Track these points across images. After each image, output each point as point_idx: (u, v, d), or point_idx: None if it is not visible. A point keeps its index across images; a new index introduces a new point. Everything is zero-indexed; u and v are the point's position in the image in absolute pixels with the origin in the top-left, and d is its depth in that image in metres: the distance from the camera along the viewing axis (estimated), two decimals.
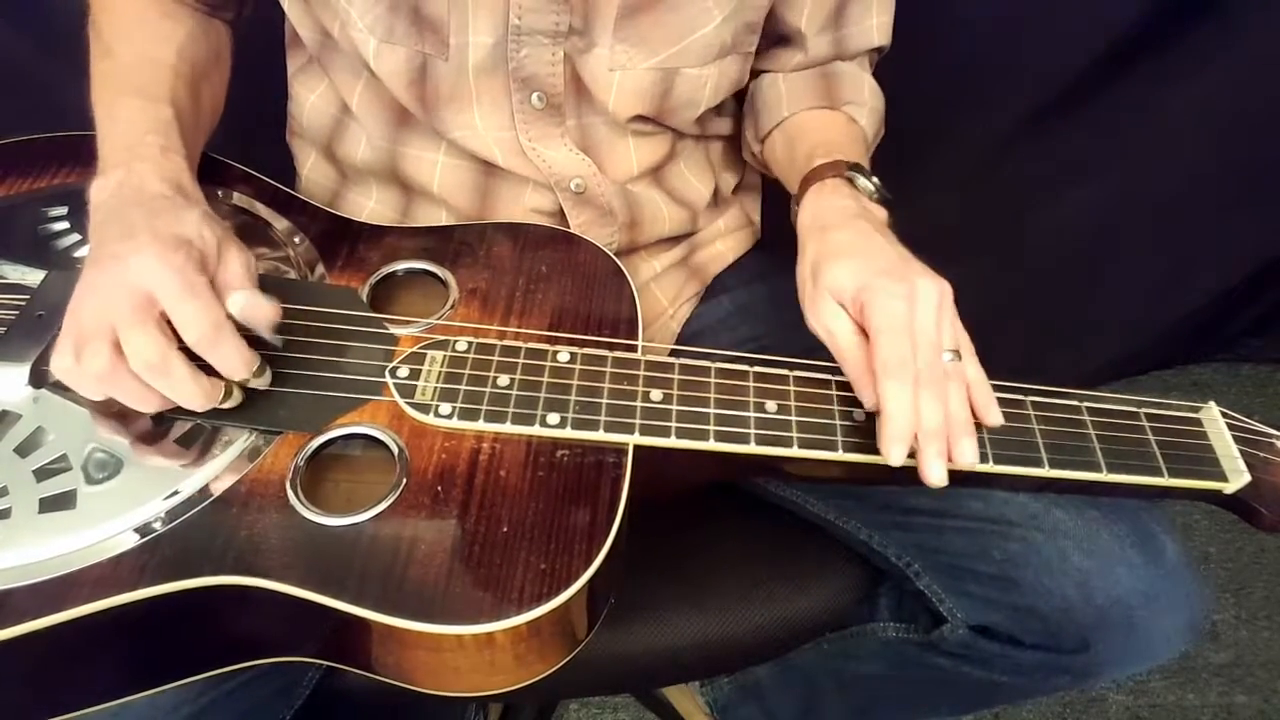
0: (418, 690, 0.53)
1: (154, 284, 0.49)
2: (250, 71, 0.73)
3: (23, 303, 0.58)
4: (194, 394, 0.50)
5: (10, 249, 0.62)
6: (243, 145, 0.72)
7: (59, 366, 0.50)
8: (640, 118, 0.68)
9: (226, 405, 0.53)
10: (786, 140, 0.72)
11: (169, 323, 0.49)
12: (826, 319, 0.56)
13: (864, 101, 0.73)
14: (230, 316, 0.51)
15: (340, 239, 0.66)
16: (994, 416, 0.54)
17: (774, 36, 0.71)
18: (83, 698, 0.52)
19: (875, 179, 0.65)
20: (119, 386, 0.50)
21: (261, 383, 0.54)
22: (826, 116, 0.72)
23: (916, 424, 0.51)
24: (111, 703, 0.53)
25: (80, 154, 0.58)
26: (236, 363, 0.51)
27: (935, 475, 0.52)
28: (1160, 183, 1.23)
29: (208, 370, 0.51)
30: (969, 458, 0.52)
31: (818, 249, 0.59)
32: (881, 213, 0.64)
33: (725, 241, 0.81)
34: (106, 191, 0.55)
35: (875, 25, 0.73)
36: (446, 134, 0.66)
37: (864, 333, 0.55)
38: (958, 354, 0.54)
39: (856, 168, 0.65)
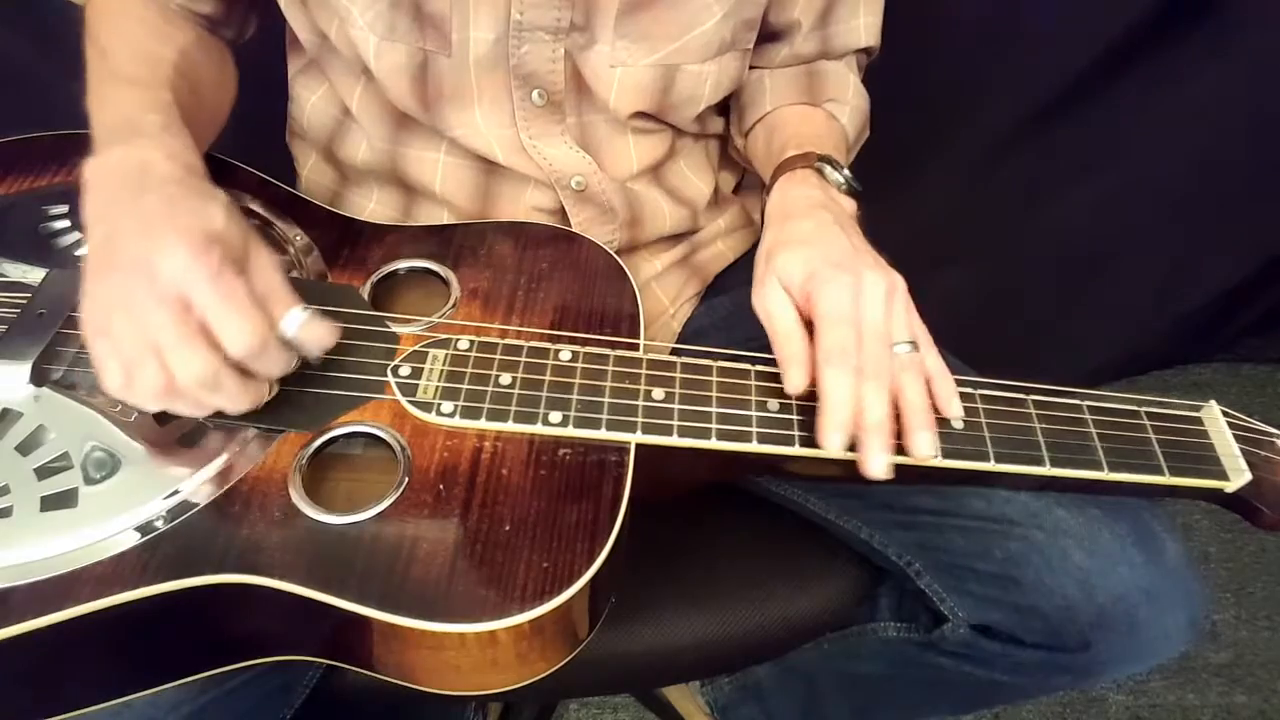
0: (419, 689, 0.53)
1: (190, 290, 0.46)
2: (251, 73, 0.73)
3: (24, 301, 0.58)
4: (244, 401, 0.50)
5: (11, 247, 0.62)
6: (242, 147, 0.72)
7: (111, 387, 0.48)
8: (641, 115, 0.68)
9: (269, 396, 0.53)
10: (766, 134, 0.73)
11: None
12: (769, 302, 0.57)
13: (846, 100, 0.74)
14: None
15: (341, 237, 0.66)
16: (954, 408, 0.55)
17: (763, 33, 0.72)
18: (84, 696, 0.52)
19: (847, 171, 0.66)
20: (175, 403, 0.49)
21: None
22: (806, 112, 0.73)
23: (858, 415, 0.52)
24: (112, 701, 0.53)
25: (81, 152, 0.57)
26: (277, 371, 0.51)
27: (876, 468, 0.52)
28: (1161, 182, 1.23)
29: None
30: (925, 450, 0.53)
31: (775, 235, 0.60)
32: (849, 204, 0.65)
33: (726, 241, 0.81)
34: (106, 169, 0.51)
35: (862, 25, 0.74)
36: (447, 132, 0.66)
37: (807, 323, 0.55)
38: (915, 345, 0.54)
39: (827, 159, 0.65)
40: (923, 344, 0.55)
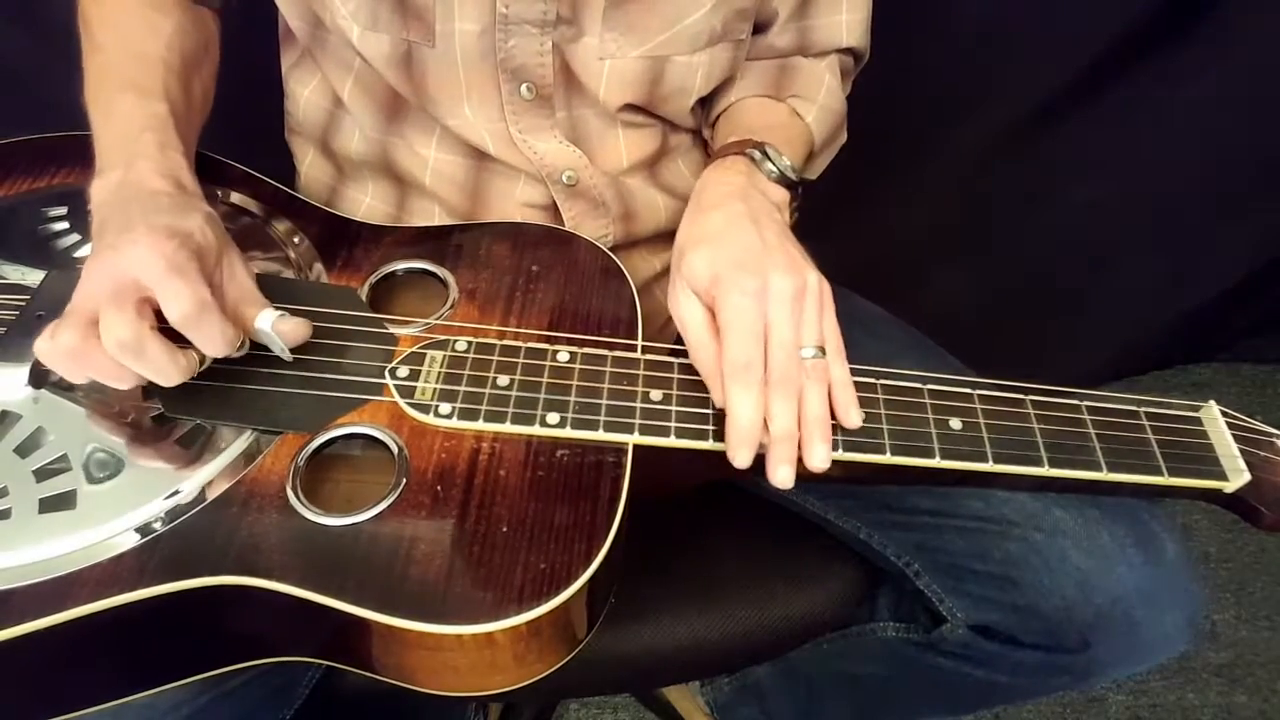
0: (417, 690, 0.53)
1: (140, 269, 0.49)
2: (250, 72, 0.73)
3: (23, 303, 0.58)
4: (168, 371, 0.50)
5: (10, 249, 0.62)
6: (243, 147, 0.72)
7: (38, 347, 0.50)
8: (631, 108, 0.67)
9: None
10: (725, 125, 0.72)
11: (156, 310, 0.49)
12: (681, 308, 0.56)
13: (815, 99, 0.72)
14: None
15: (339, 239, 0.66)
16: (852, 419, 0.53)
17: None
18: (82, 698, 0.52)
19: (786, 161, 0.64)
20: (90, 362, 0.49)
21: (238, 352, 0.54)
22: (767, 104, 0.72)
23: (765, 425, 0.51)
24: (111, 703, 0.53)
25: (80, 154, 0.58)
26: (219, 341, 0.51)
27: (780, 478, 0.51)
28: (1160, 183, 1.23)
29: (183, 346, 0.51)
30: (819, 463, 0.51)
31: (687, 231, 0.59)
32: (778, 194, 0.63)
33: None
34: (107, 191, 0.55)
35: (844, 22, 0.72)
36: (441, 121, 0.66)
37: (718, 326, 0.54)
38: (822, 350, 0.53)
39: (764, 147, 0.64)
40: (831, 350, 0.54)
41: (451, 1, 0.60)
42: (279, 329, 0.54)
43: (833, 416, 0.53)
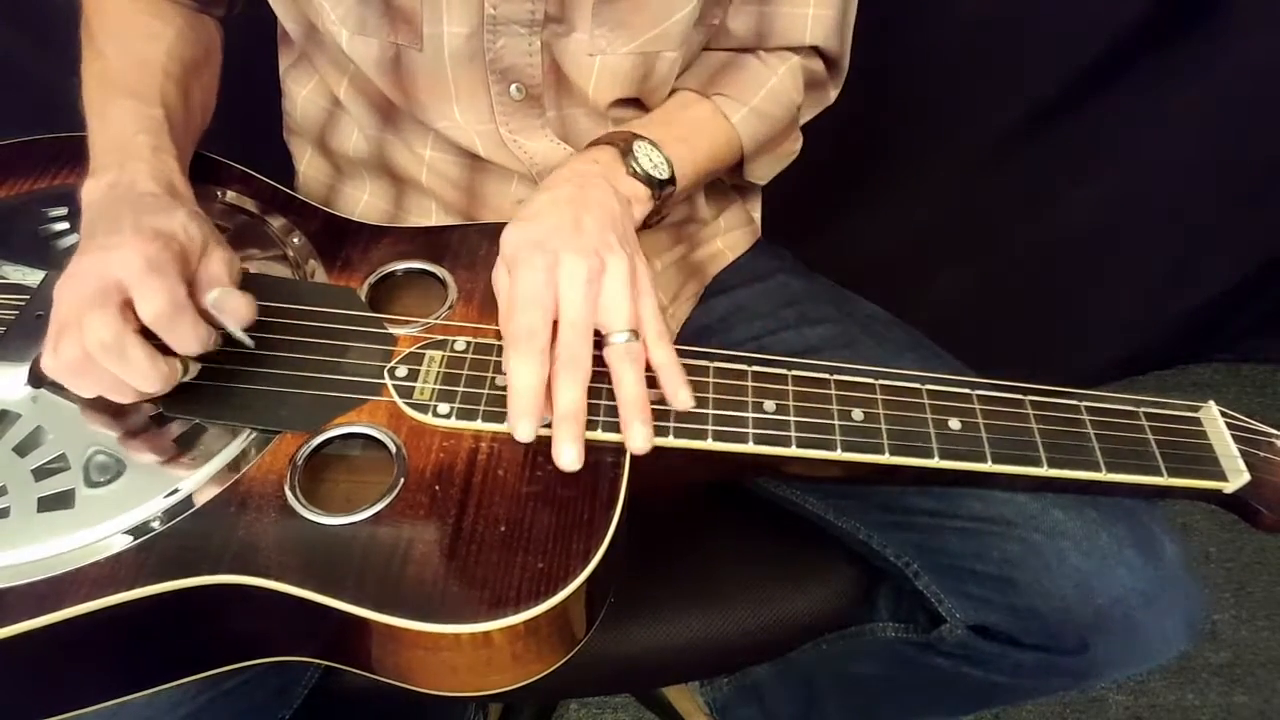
0: (416, 690, 0.53)
1: (122, 269, 0.48)
2: (248, 72, 0.73)
3: (22, 303, 0.58)
4: (149, 375, 0.49)
5: (10, 249, 0.62)
6: (242, 146, 0.72)
7: (45, 364, 0.50)
8: (621, 104, 0.67)
9: (185, 378, 0.53)
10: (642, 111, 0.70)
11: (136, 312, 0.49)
12: (496, 282, 0.57)
13: (746, 101, 0.69)
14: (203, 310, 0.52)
15: (339, 238, 0.66)
16: (681, 400, 0.54)
17: None
18: (80, 697, 0.52)
19: (660, 156, 0.62)
20: (93, 376, 0.49)
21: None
22: (688, 98, 0.70)
23: (549, 403, 0.51)
24: (109, 702, 0.53)
25: (81, 154, 0.58)
26: (191, 340, 0.51)
27: (564, 459, 0.51)
28: (1160, 183, 1.23)
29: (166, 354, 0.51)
30: (638, 444, 0.52)
31: (519, 210, 0.59)
32: (630, 188, 0.61)
33: (725, 240, 0.81)
34: (98, 191, 0.55)
35: (810, 16, 0.69)
36: (431, 125, 0.66)
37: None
38: (635, 334, 0.53)
39: (636, 141, 0.62)
40: (651, 334, 0.54)
41: (439, 4, 0.60)
42: (220, 304, 0.52)
43: (664, 402, 0.54)
